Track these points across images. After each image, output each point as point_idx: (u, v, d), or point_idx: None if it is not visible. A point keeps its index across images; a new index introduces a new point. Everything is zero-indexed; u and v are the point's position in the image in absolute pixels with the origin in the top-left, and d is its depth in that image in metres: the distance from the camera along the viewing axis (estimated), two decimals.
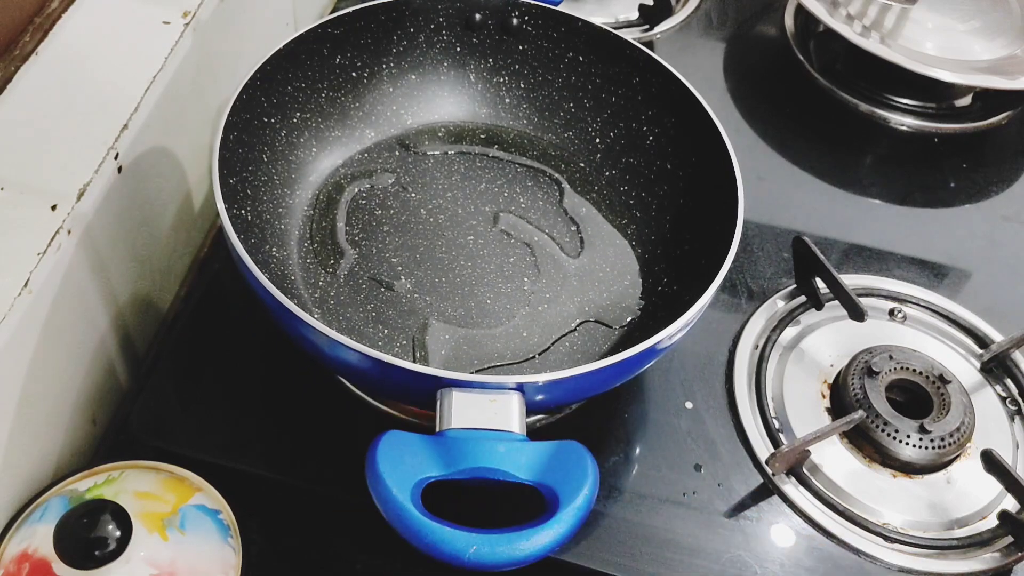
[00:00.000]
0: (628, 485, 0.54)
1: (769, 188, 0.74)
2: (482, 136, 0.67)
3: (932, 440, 0.56)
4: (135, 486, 0.47)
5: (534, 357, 0.55)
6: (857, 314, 0.61)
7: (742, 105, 0.81)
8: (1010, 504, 0.55)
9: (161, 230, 0.61)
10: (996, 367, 0.62)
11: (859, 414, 0.56)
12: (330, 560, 0.52)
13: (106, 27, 0.57)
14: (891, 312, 0.65)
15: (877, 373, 0.58)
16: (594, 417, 0.57)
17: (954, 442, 0.56)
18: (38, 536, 0.44)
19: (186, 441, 0.53)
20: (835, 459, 0.56)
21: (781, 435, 0.57)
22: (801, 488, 0.55)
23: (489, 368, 0.54)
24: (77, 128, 0.52)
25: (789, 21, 0.88)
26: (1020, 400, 0.61)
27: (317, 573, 0.52)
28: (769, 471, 0.55)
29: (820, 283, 0.64)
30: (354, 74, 0.64)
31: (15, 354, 0.46)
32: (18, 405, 0.47)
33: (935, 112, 0.82)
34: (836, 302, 0.63)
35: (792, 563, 0.52)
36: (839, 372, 0.60)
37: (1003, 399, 0.61)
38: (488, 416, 0.42)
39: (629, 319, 0.58)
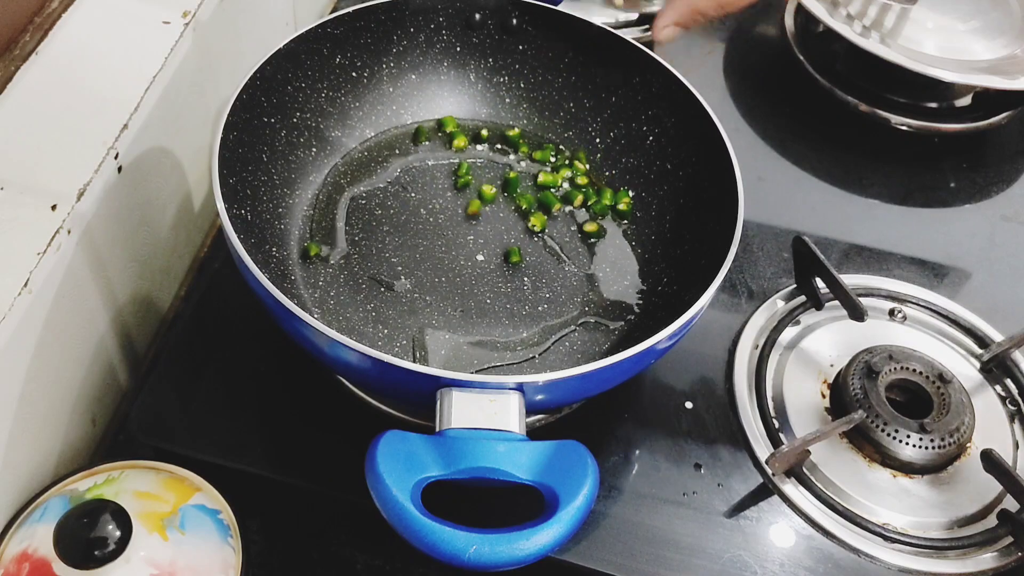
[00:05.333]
0: (628, 485, 0.54)
1: (769, 188, 0.74)
2: (482, 136, 0.67)
3: (932, 440, 0.56)
4: (135, 486, 0.47)
5: (534, 357, 0.55)
6: (857, 314, 0.61)
7: (742, 105, 0.81)
8: (1010, 504, 0.55)
9: (161, 230, 0.61)
10: (996, 367, 0.62)
11: (859, 414, 0.56)
12: (330, 560, 0.52)
13: (106, 27, 0.57)
14: (891, 312, 0.65)
15: (877, 373, 0.58)
16: (594, 417, 0.57)
17: (954, 442, 0.56)
18: (38, 536, 0.44)
19: (186, 441, 0.53)
20: (835, 459, 0.56)
21: (781, 435, 0.57)
22: (801, 488, 0.55)
23: (489, 368, 0.54)
24: (77, 128, 0.52)
25: (789, 21, 0.88)
26: (1020, 400, 0.61)
27: (317, 573, 0.52)
28: (769, 471, 0.55)
29: (820, 283, 0.64)
30: (354, 74, 0.64)
31: (15, 354, 0.46)
32: (18, 405, 0.47)
33: (935, 112, 0.82)
34: (836, 302, 0.63)
35: (792, 563, 0.52)
36: (839, 372, 0.60)
37: (1003, 399, 0.61)
38: (488, 416, 0.42)
39: (629, 319, 0.58)
